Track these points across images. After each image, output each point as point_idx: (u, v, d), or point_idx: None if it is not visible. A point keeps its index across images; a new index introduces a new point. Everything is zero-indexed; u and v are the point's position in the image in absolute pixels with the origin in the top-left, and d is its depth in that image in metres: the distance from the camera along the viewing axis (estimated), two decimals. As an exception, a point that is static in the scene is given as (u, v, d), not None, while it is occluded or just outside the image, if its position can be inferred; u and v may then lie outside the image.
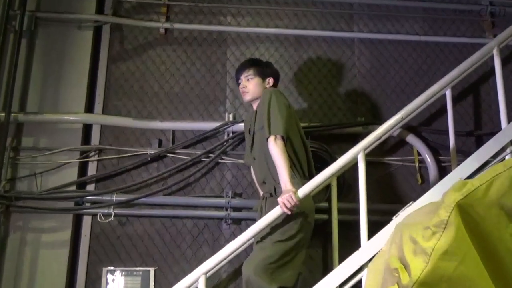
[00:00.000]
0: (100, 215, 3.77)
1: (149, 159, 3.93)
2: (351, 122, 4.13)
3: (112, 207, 3.77)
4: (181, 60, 4.25)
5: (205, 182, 3.98)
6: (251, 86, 3.41)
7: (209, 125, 4.02)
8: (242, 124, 3.92)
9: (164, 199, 3.87)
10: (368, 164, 3.08)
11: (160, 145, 4.01)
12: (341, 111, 4.21)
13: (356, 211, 2.97)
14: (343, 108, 4.22)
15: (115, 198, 3.77)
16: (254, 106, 3.42)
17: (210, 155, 3.96)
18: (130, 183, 3.87)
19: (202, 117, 4.13)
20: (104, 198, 3.78)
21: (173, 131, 4.04)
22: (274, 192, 3.09)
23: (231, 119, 4.05)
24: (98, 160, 3.95)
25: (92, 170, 3.94)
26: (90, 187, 3.90)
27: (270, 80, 3.45)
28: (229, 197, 3.87)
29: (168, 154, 3.97)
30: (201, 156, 3.94)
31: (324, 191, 3.71)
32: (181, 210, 3.87)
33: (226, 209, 3.85)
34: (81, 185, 3.90)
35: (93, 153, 3.95)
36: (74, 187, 3.83)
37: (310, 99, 4.22)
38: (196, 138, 4.01)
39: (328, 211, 3.73)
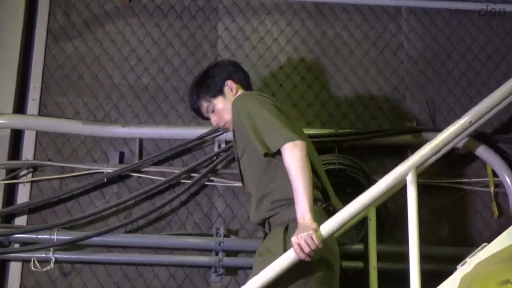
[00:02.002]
0: (34, 261, 3.75)
1: (105, 180, 3.93)
2: (396, 128, 4.14)
3: (51, 249, 3.75)
4: (152, 38, 4.27)
5: (186, 214, 3.98)
6: (223, 114, 3.36)
7: (192, 132, 4.02)
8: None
9: (127, 238, 3.87)
10: (421, 189, 3.05)
11: (121, 160, 4.02)
12: (382, 112, 4.23)
13: (404, 257, 2.93)
14: (385, 108, 4.23)
15: (56, 236, 3.75)
16: None
17: (194, 174, 3.96)
18: (78, 215, 3.86)
19: (182, 120, 4.14)
20: (40, 236, 3.77)
21: (141, 140, 4.05)
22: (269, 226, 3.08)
23: (226, 122, 4.05)
24: (32, 182, 3.96)
25: (23, 196, 3.94)
26: (20, 221, 3.89)
27: (229, 84, 3.37)
28: (220, 235, 3.86)
29: (132, 174, 3.98)
30: (180, 176, 3.94)
31: (357, 227, 3.71)
32: (152, 254, 3.87)
33: (217, 253, 3.84)
34: (7, 218, 3.89)
35: (24, 171, 3.96)
36: (-3, 221, 3.84)
37: (339, 94, 4.23)
38: (173, 151, 4.01)
39: (363, 256, 3.72)
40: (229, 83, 3.37)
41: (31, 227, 3.81)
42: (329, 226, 2.90)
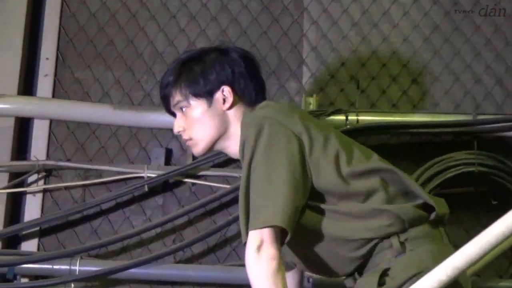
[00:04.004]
0: (49, 301, 3.85)
1: (146, 189, 3.98)
2: None
3: (72, 285, 3.83)
4: (210, -13, 4.31)
5: (259, 237, 4.00)
6: (194, 126, 3.09)
7: (268, 120, 4.04)
8: (336, 117, 3.95)
9: (177, 270, 3.91)
10: None
11: (168, 160, 4.09)
12: (544, 89, 4.18)
13: None
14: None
15: (79, 267, 3.81)
16: (232, 152, 3.21)
17: (270, 181, 3.97)
18: (108, 237, 3.92)
19: (253, 102, 4.16)
20: (56, 267, 3.82)
21: (195, 133, 4.09)
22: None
23: (311, 107, 4.04)
24: (44, 191, 4.04)
25: (32, 210, 4.02)
26: (29, 245, 3.98)
27: (225, 92, 3.04)
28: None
29: (185, 180, 4.03)
30: (251, 183, 3.96)
31: (508, 258, 3.72)
32: (212, 292, 3.92)
33: (302, 292, 3.86)
34: (12, 241, 3.99)
35: (34, 176, 4.03)
36: (-2, 245, 3.93)
37: (478, 62, 4.20)
38: (242, 147, 4.03)
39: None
40: (226, 90, 3.04)
41: (44, 255, 3.86)
42: (454, 263, 2.85)
